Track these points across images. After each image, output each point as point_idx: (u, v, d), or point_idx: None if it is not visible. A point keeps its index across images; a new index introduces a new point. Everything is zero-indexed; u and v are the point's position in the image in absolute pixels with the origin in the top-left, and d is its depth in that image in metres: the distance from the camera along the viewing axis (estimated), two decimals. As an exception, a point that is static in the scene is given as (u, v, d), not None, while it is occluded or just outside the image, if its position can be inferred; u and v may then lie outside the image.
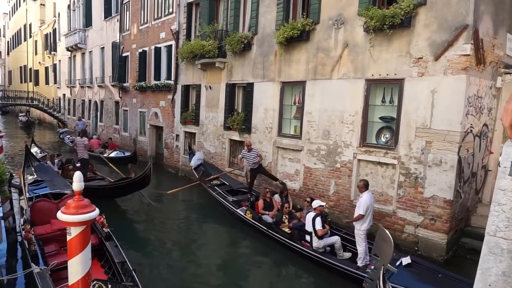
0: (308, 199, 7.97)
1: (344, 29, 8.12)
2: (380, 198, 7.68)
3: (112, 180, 10.91)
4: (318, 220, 6.64)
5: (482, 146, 7.68)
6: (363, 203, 6.30)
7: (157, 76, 15.47)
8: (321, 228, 6.62)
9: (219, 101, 12.00)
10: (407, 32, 7.03)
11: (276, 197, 8.81)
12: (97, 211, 3.28)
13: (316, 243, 6.64)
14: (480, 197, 8.23)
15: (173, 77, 14.29)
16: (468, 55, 6.31)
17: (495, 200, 1.82)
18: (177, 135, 14.33)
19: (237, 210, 8.63)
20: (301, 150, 9.21)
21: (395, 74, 7.27)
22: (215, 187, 10.05)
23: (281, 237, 7.28)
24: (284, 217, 7.81)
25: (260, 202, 8.53)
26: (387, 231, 4.23)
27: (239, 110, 11.48)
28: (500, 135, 8.27)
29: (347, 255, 6.78)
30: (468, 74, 6.37)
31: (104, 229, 6.08)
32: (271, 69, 10.00)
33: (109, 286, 4.49)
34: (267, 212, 8.27)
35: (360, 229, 6.34)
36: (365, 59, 7.74)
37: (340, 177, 8.35)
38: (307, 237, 6.83)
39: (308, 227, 6.80)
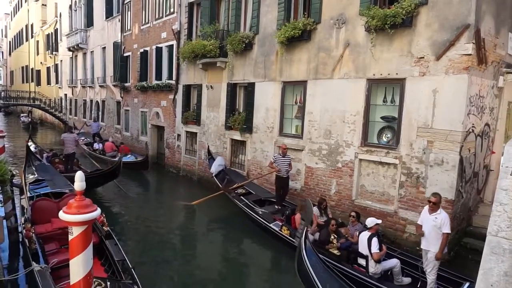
0: (353, 214, 7.00)
1: (345, 28, 8.11)
2: (382, 198, 7.68)
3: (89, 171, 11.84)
4: (375, 241, 5.65)
5: (483, 146, 7.66)
6: (446, 220, 5.32)
7: (159, 76, 15.48)
8: (378, 250, 5.63)
9: (220, 101, 12.00)
10: (408, 32, 7.02)
11: (315, 210, 7.62)
12: (98, 210, 3.30)
13: (373, 268, 5.65)
14: (481, 197, 8.21)
15: (174, 77, 14.30)
16: (470, 54, 6.29)
17: (497, 200, 1.82)
18: (179, 135, 14.33)
19: (271, 225, 7.65)
20: (303, 150, 9.20)
21: (397, 73, 7.25)
22: (241, 196, 9.17)
23: (328, 259, 6.10)
24: (332, 236, 6.69)
25: (298, 217, 7.47)
26: (310, 202, 5.91)
27: (240, 110, 11.48)
28: (502, 135, 8.25)
29: (407, 280, 5.86)
30: (469, 74, 6.35)
31: (104, 227, 6.12)
32: (272, 68, 10.00)
33: (108, 283, 4.51)
34: None
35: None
36: (366, 59, 7.73)
37: (342, 176, 8.34)
38: (360, 261, 5.88)
39: (363, 250, 5.79)
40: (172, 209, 10.58)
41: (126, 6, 18.15)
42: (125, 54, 18.31)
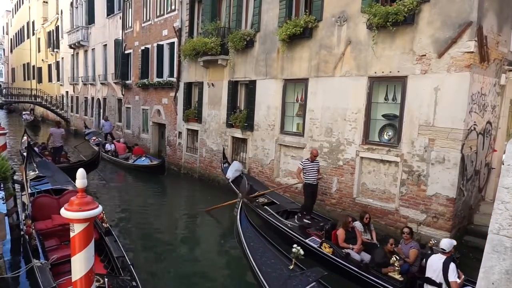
0: (407, 230, 5.98)
1: (347, 26, 8.09)
2: (383, 196, 7.68)
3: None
4: (453, 268, 4.67)
5: (485, 144, 7.64)
6: None
7: (160, 74, 15.48)
8: (458, 279, 4.66)
9: (221, 99, 11.99)
10: (410, 29, 6.99)
11: (358, 225, 6.67)
12: (100, 207, 3.30)
13: None
14: (483, 195, 8.20)
15: (175, 75, 14.29)
16: (472, 52, 6.27)
17: (498, 198, 1.82)
18: (180, 133, 14.33)
19: (307, 241, 6.58)
20: (304, 148, 9.19)
21: (398, 71, 7.23)
22: (265, 206, 8.22)
23: (386, 284, 5.25)
24: (394, 258, 5.60)
25: (341, 232, 6.38)
26: (245, 179, 7.17)
27: (241, 108, 11.47)
28: (504, 133, 8.23)
29: None
30: (471, 72, 6.33)
31: (103, 224, 6.14)
32: (273, 66, 9.98)
33: (106, 279, 4.53)
34: (351, 246, 6.24)
35: None
36: (368, 57, 7.71)
37: (343, 174, 8.34)
38: None
39: (435, 276, 4.82)
40: (174, 208, 10.57)
41: (127, 3, 18.12)
42: (126, 52, 18.30)
